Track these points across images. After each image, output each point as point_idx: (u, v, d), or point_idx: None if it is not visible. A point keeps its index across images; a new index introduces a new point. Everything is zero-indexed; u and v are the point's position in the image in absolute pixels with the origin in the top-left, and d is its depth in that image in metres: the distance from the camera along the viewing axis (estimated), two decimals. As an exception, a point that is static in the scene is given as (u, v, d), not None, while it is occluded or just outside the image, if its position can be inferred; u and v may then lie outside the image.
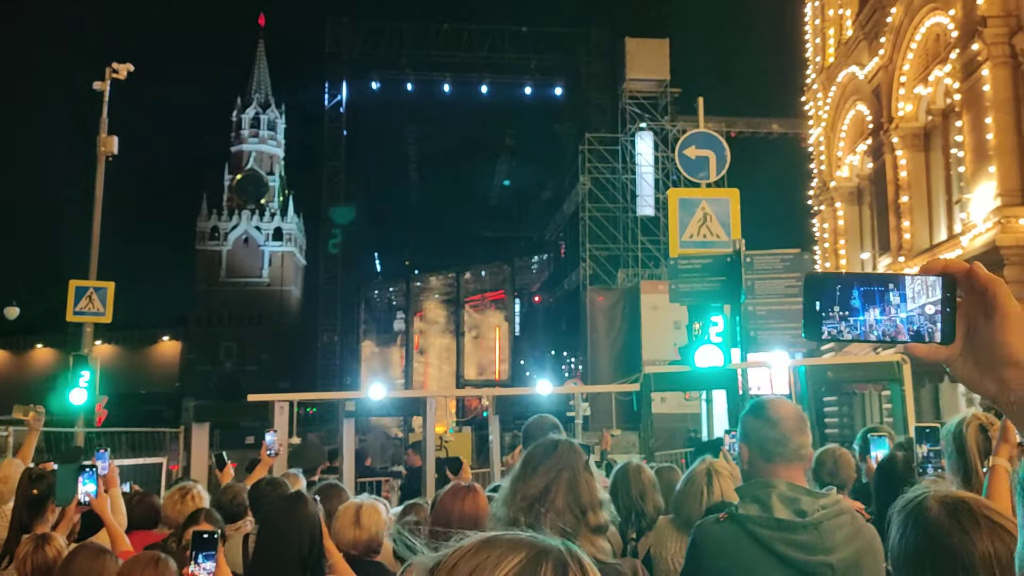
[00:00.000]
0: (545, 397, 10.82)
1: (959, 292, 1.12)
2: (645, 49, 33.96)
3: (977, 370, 1.10)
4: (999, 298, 1.08)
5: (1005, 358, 1.07)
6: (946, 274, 1.11)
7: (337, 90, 47.98)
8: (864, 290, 1.11)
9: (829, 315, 1.11)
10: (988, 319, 1.09)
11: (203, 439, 10.45)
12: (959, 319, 1.11)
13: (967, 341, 1.11)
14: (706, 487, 3.90)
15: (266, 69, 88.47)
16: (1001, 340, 1.07)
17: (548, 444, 2.57)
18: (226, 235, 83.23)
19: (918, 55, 17.57)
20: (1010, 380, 1.07)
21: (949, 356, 1.11)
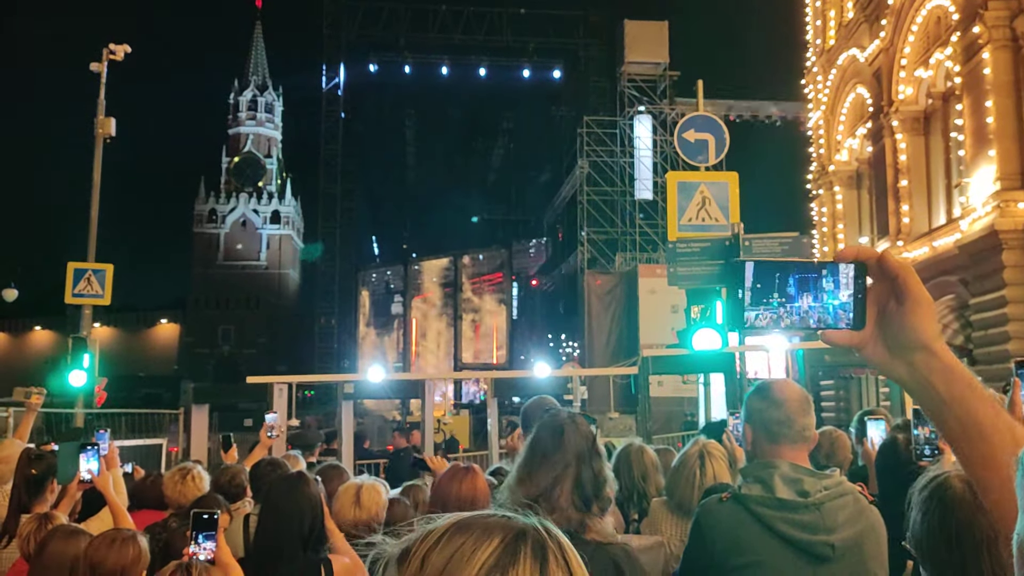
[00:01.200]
0: (543, 380, 10.85)
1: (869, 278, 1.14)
2: (644, 32, 33.78)
3: (888, 354, 1.13)
4: (910, 284, 1.11)
5: (915, 342, 1.10)
6: (858, 261, 1.13)
7: (335, 73, 47.79)
8: (788, 278, 1.12)
9: (756, 302, 1.12)
10: (899, 304, 1.11)
11: (202, 421, 10.48)
12: (869, 304, 1.13)
13: (878, 326, 1.13)
14: (699, 469, 3.91)
15: (263, 51, 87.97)
16: (911, 324, 1.10)
17: (554, 429, 2.53)
18: (224, 218, 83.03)
19: (919, 38, 17.50)
20: (918, 363, 1.11)
21: (861, 340, 1.14)
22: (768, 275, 1.12)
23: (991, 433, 1.08)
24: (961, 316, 15.36)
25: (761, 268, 1.12)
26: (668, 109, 32.94)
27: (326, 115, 49.06)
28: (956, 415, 1.10)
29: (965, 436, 1.10)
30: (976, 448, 1.09)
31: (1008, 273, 14.00)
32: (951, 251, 15.53)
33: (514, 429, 4.82)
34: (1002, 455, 1.06)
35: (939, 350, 1.11)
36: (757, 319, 1.12)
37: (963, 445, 1.11)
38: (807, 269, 1.13)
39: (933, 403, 1.12)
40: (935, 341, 1.11)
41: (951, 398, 1.10)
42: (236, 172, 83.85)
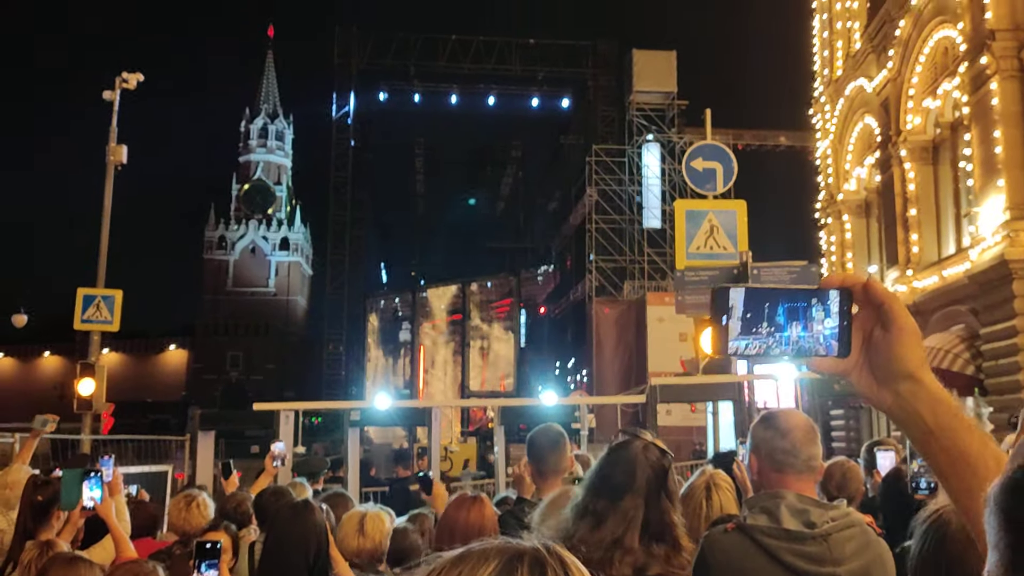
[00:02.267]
0: (550, 408, 10.78)
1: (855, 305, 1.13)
2: (652, 61, 34.03)
3: (875, 382, 1.12)
4: (895, 312, 1.10)
5: (901, 371, 1.10)
6: (843, 288, 1.12)
7: (345, 101, 48.16)
8: (777, 307, 1.11)
9: (745, 331, 1.10)
10: (885, 332, 1.10)
11: (208, 447, 10.45)
12: (855, 332, 1.12)
13: (864, 354, 1.12)
14: (705, 500, 3.86)
15: (275, 80, 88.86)
16: (897, 353, 1.10)
17: (623, 467, 2.40)
18: (233, 245, 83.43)
19: (926, 68, 17.56)
20: (905, 392, 1.10)
21: (847, 369, 1.13)
22: (758, 304, 1.10)
23: (977, 464, 1.07)
24: (971, 346, 15.25)
25: (751, 297, 1.11)
26: (676, 138, 33.08)
27: (336, 143, 49.38)
28: (943, 445, 1.09)
29: (952, 467, 1.09)
30: (963, 480, 1.08)
31: (1019, 303, 13.92)
32: (961, 280, 15.46)
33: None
34: (988, 486, 1.06)
35: (926, 379, 1.11)
36: (747, 348, 1.10)
37: (950, 477, 1.10)
38: (796, 298, 1.11)
39: (920, 433, 1.11)
40: (921, 370, 1.11)
41: (938, 428, 1.09)
42: (246, 199, 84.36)
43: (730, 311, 1.10)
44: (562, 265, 42.84)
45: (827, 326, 1.11)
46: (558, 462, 4.02)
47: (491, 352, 39.25)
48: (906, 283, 17.76)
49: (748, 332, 1.10)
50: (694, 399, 13.07)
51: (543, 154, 52.84)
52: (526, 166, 56.88)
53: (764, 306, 1.10)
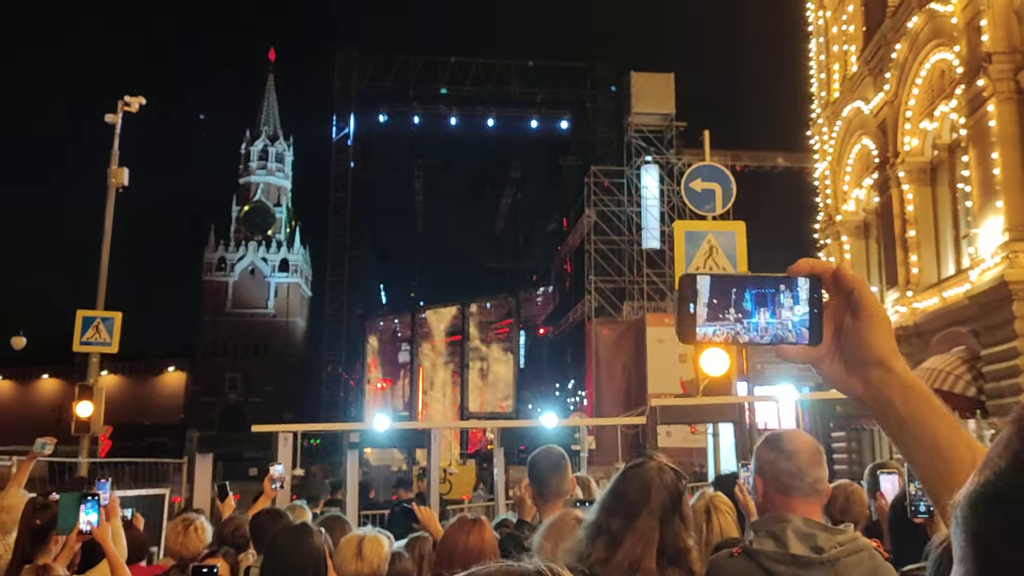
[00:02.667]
0: (550, 430, 10.74)
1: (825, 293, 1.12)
2: (650, 84, 34.22)
3: (844, 370, 1.12)
4: (865, 298, 1.10)
5: (871, 358, 1.09)
6: (812, 275, 1.11)
7: (345, 123, 48.35)
8: (744, 293, 1.10)
9: (711, 318, 1.09)
10: (855, 319, 1.10)
11: (206, 470, 10.39)
12: (826, 320, 1.11)
13: (835, 342, 1.12)
14: (705, 524, 3.83)
15: (275, 102, 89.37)
16: (868, 340, 1.09)
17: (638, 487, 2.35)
18: (233, 266, 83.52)
19: (923, 90, 17.64)
20: (875, 379, 1.09)
21: (817, 356, 1.12)
22: (724, 290, 1.10)
23: (951, 454, 1.05)
24: (973, 368, 15.22)
25: (717, 283, 1.10)
26: (675, 159, 33.20)
27: (335, 164, 49.54)
28: (915, 435, 1.08)
29: (926, 458, 1.08)
30: (936, 471, 1.07)
31: (1019, 324, 13.91)
32: (961, 302, 15.45)
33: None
34: (960, 476, 1.04)
35: (896, 366, 1.09)
36: (714, 335, 1.09)
37: (925, 468, 1.09)
38: (763, 284, 1.11)
39: (892, 421, 1.10)
40: (891, 357, 1.10)
41: (910, 416, 1.08)
42: (246, 221, 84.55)
43: (697, 298, 1.09)
44: (561, 286, 42.86)
45: (795, 313, 1.10)
46: (559, 484, 3.99)
47: (490, 373, 39.13)
48: (906, 304, 17.75)
49: (715, 319, 1.09)
50: (694, 420, 13.01)
51: (542, 175, 53.03)
52: (525, 187, 57.05)
53: (731, 292, 1.09)
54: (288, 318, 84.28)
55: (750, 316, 1.09)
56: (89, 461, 13.48)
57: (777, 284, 1.11)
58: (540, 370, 45.74)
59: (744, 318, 1.09)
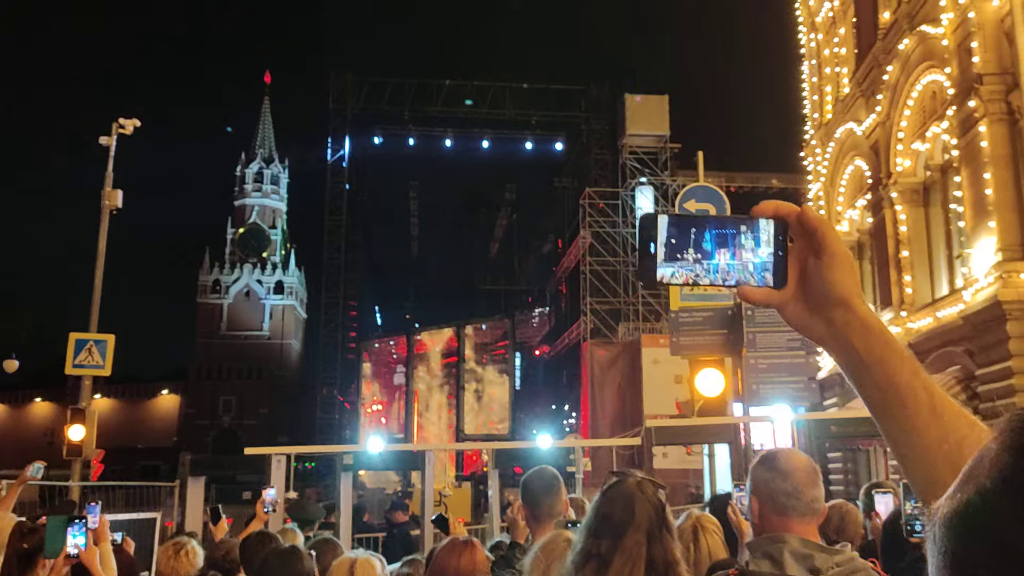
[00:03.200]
0: (545, 451, 10.68)
1: (791, 235, 1.10)
2: (644, 105, 34.39)
3: (807, 312, 1.10)
4: (827, 238, 1.08)
5: (833, 298, 1.08)
6: (777, 217, 1.09)
7: (340, 145, 48.51)
8: (714, 232, 1.08)
9: (670, 257, 1.07)
10: (818, 259, 1.08)
11: (198, 493, 10.30)
12: (791, 263, 1.10)
13: (799, 284, 1.10)
14: (692, 543, 3.79)
15: (270, 124, 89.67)
16: (829, 279, 1.07)
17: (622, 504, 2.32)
18: (228, 288, 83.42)
19: (915, 112, 17.75)
20: (837, 320, 1.08)
21: (782, 300, 1.11)
22: (683, 230, 1.07)
23: (907, 395, 1.04)
24: (968, 388, 15.21)
25: (676, 223, 1.08)
26: (669, 180, 33.32)
27: (331, 186, 49.64)
28: (873, 375, 1.06)
29: (882, 397, 1.06)
30: (892, 408, 1.05)
31: (1013, 344, 13.91)
32: (955, 322, 15.46)
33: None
34: (918, 419, 1.03)
35: (858, 306, 1.08)
36: (673, 276, 1.07)
37: (879, 406, 1.07)
38: (724, 225, 1.08)
39: (852, 362, 1.08)
40: (853, 297, 1.08)
41: (869, 356, 1.06)
42: (241, 243, 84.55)
43: (657, 238, 1.07)
44: (557, 307, 42.87)
45: (757, 255, 1.08)
46: (553, 506, 3.95)
47: (486, 395, 39.02)
48: (900, 324, 17.76)
49: (674, 259, 1.07)
50: (690, 441, 12.97)
51: (537, 197, 53.25)
52: (520, 209, 57.26)
53: (691, 232, 1.07)
54: (283, 340, 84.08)
55: (710, 257, 1.07)
56: (80, 485, 13.37)
57: (738, 225, 1.09)
58: (536, 391, 45.65)
59: (704, 259, 1.07)
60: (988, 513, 0.62)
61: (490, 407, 38.52)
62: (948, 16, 15.67)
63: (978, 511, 0.63)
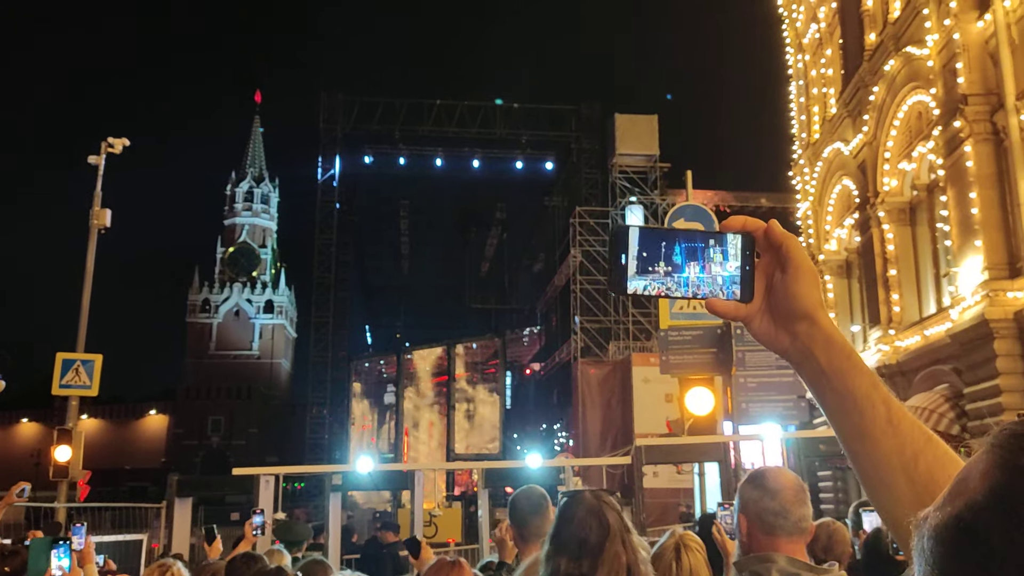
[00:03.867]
0: (535, 470, 10.65)
1: (758, 250, 1.13)
2: (634, 125, 34.56)
3: (773, 325, 1.13)
4: (792, 252, 1.11)
5: (798, 311, 1.10)
6: (745, 232, 1.12)
7: (330, 164, 48.52)
8: (684, 245, 1.10)
9: (641, 270, 1.09)
10: (783, 273, 1.11)
11: (185, 515, 10.22)
12: (758, 277, 1.12)
13: (765, 298, 1.13)
14: (675, 562, 3.78)
15: (261, 143, 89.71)
16: (794, 292, 1.10)
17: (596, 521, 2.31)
18: (217, 308, 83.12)
19: (901, 132, 17.91)
20: (801, 333, 1.11)
21: (748, 314, 1.13)
22: (654, 243, 1.09)
23: (864, 404, 1.07)
24: (956, 406, 15.26)
25: (647, 235, 1.10)
26: (659, 199, 33.45)
27: (321, 205, 49.59)
28: (834, 387, 1.09)
29: (841, 408, 1.09)
30: (850, 419, 1.08)
31: (1001, 362, 13.98)
32: (943, 340, 15.53)
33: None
34: (874, 428, 1.06)
35: (821, 319, 1.11)
36: (645, 289, 1.09)
37: (838, 418, 1.10)
38: (694, 238, 1.11)
39: (814, 374, 1.11)
40: (817, 310, 1.11)
41: (830, 369, 1.09)
42: (231, 262, 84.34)
43: (628, 250, 1.09)
44: (547, 326, 42.84)
45: (725, 268, 1.10)
46: (540, 525, 3.94)
47: (477, 414, 38.91)
48: (889, 343, 17.83)
49: (645, 272, 1.09)
50: (680, 460, 12.94)
51: (527, 216, 53.33)
52: (511, 228, 57.33)
53: (660, 245, 1.09)
54: (272, 360, 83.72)
55: (680, 270, 1.09)
56: (67, 506, 13.25)
57: (708, 239, 1.11)
58: (526, 411, 45.55)
59: (674, 272, 1.09)
60: (979, 527, 0.63)
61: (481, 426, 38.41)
62: (933, 37, 15.85)
63: (969, 525, 0.64)
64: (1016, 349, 13.93)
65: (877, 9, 19.16)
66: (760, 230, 1.12)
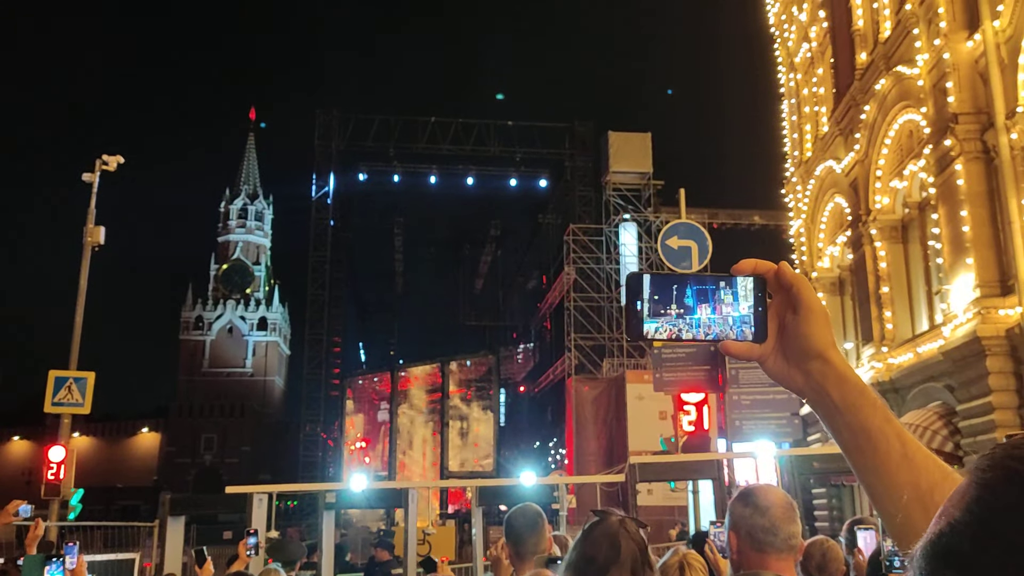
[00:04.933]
0: (529, 488, 10.63)
1: (769, 291, 1.16)
2: (628, 143, 34.75)
3: (786, 364, 1.16)
4: (803, 293, 1.14)
5: (810, 350, 1.13)
6: (756, 275, 1.16)
7: (325, 181, 48.59)
8: (695, 288, 1.14)
9: (654, 313, 1.13)
10: (795, 314, 1.14)
11: (178, 533, 10.17)
12: (771, 317, 1.16)
13: (778, 338, 1.16)
14: (678, 580, 3.79)
15: (255, 161, 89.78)
16: (805, 333, 1.13)
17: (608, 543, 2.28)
18: (210, 325, 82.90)
19: (892, 150, 18.02)
20: (814, 371, 1.13)
21: (762, 354, 1.16)
22: (665, 287, 1.13)
23: (879, 439, 1.09)
24: (949, 423, 15.29)
25: (658, 280, 1.14)
26: (653, 217, 33.57)
27: (315, 222, 49.61)
28: (847, 422, 1.12)
29: (855, 444, 1.11)
30: (865, 456, 1.11)
31: (993, 379, 14.01)
32: (935, 357, 15.57)
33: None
34: (889, 462, 1.08)
35: (833, 358, 1.14)
36: (657, 331, 1.13)
37: (854, 454, 1.12)
38: (704, 282, 1.15)
39: (828, 411, 1.14)
40: (829, 349, 1.14)
41: (844, 405, 1.12)
42: (224, 279, 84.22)
43: (642, 295, 1.13)
44: (541, 343, 42.84)
45: (736, 310, 1.14)
46: (536, 543, 3.95)
47: (470, 432, 38.83)
48: (882, 360, 17.88)
49: (657, 314, 1.12)
50: (674, 478, 12.94)
51: (521, 233, 53.39)
52: (505, 245, 57.37)
53: (672, 288, 1.13)
54: (266, 377, 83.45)
55: (691, 312, 1.13)
56: (59, 525, 13.16)
57: (717, 282, 1.15)
58: (520, 428, 45.46)
59: (686, 314, 1.13)
60: (957, 543, 0.67)
61: (474, 444, 38.32)
62: (923, 57, 16.00)
63: (949, 542, 0.68)
64: (1008, 366, 13.98)
65: (868, 29, 19.34)
66: (771, 272, 1.16)
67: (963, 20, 15.30)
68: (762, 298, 1.15)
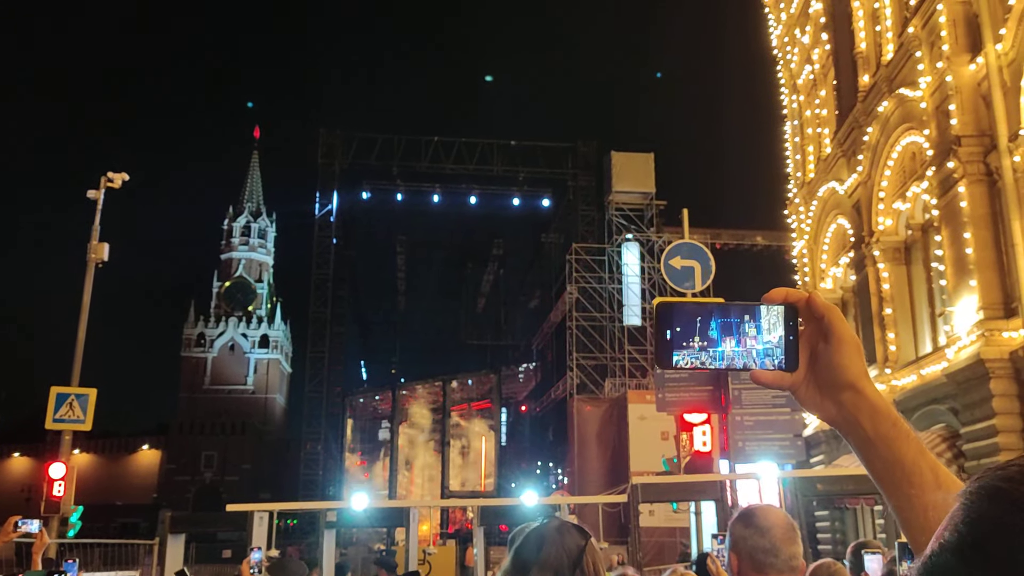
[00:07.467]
0: (531, 508, 10.58)
1: (800, 321, 1.16)
2: (630, 163, 34.85)
3: (819, 394, 1.16)
4: (835, 324, 1.14)
5: (842, 381, 1.13)
6: (787, 304, 1.16)
7: (328, 199, 48.75)
8: (719, 320, 1.14)
9: (683, 344, 1.13)
10: (827, 344, 1.14)
11: (178, 551, 10.12)
12: (802, 347, 1.16)
13: (809, 367, 1.16)
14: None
15: (259, 179, 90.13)
16: (838, 363, 1.13)
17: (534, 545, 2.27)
18: (212, 342, 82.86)
19: (895, 172, 18.06)
20: (846, 402, 1.14)
21: (794, 383, 1.16)
22: (688, 318, 1.13)
23: (912, 471, 1.09)
24: (953, 446, 15.21)
25: (684, 310, 1.14)
26: (655, 237, 33.62)
27: (318, 240, 49.74)
28: (880, 454, 1.12)
29: (889, 476, 1.11)
30: (899, 487, 1.10)
31: (997, 402, 13.96)
32: (939, 379, 15.52)
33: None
34: (924, 495, 1.08)
35: (866, 389, 1.14)
36: (684, 361, 1.13)
37: (886, 483, 1.12)
38: (728, 313, 1.15)
39: (861, 442, 1.14)
40: (862, 379, 1.14)
41: (876, 436, 1.12)
42: (227, 296, 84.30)
43: (671, 325, 1.13)
44: (543, 363, 42.76)
45: (760, 342, 1.14)
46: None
47: (471, 451, 38.70)
48: (885, 382, 17.82)
49: (681, 346, 1.13)
50: (676, 499, 12.88)
51: (524, 252, 53.48)
52: (507, 264, 57.44)
53: (696, 320, 1.13)
54: (267, 395, 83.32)
55: (716, 344, 1.13)
56: (58, 542, 13.11)
57: (742, 314, 1.15)
58: (522, 447, 45.29)
59: (710, 346, 1.13)
60: (947, 561, 0.71)
61: (475, 463, 38.17)
62: (926, 79, 16.05)
63: (939, 560, 0.72)
64: (1012, 389, 13.93)
65: (870, 51, 19.43)
66: (802, 301, 1.16)
67: (966, 43, 15.36)
68: (794, 327, 1.15)
